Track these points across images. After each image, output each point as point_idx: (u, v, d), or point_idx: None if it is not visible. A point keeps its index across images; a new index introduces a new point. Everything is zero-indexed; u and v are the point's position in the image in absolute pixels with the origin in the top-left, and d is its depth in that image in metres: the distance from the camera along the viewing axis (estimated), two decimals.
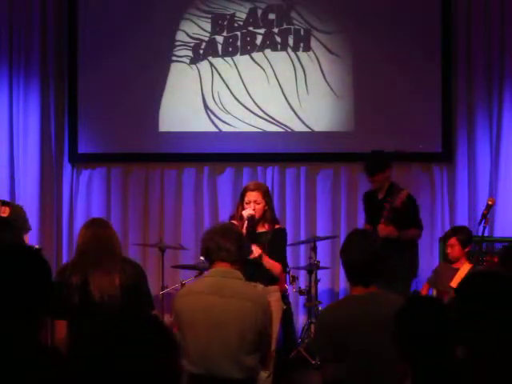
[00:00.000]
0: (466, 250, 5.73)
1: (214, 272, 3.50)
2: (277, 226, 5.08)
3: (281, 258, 5.01)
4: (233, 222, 4.98)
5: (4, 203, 5.84)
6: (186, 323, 3.40)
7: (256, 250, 4.81)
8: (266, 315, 3.45)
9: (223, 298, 3.39)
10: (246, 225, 4.83)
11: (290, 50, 7.30)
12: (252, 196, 4.94)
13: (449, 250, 5.70)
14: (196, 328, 3.35)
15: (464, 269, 5.64)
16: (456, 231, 5.80)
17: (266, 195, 5.02)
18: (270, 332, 3.51)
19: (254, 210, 4.90)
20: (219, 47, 7.34)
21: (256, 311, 3.38)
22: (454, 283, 5.54)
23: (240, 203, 5.01)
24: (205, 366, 3.35)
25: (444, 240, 5.76)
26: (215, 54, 7.34)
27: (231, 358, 3.35)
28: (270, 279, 4.96)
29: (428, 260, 6.72)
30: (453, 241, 5.69)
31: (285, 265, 5.22)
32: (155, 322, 1.68)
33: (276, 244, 4.98)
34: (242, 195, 5.01)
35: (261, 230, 5.00)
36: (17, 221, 5.64)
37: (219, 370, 3.35)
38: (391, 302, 3.20)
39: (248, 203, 4.93)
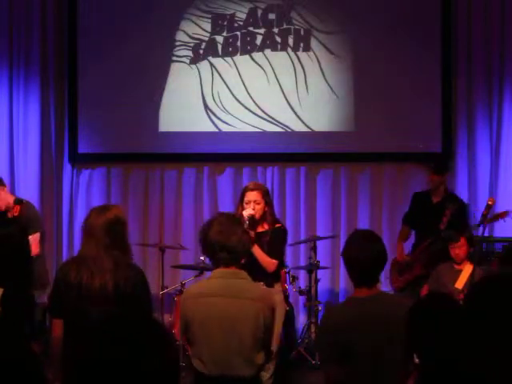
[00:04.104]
0: (471, 249, 5.70)
1: (220, 273, 3.49)
2: (277, 225, 5.06)
3: (277, 254, 4.99)
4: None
5: (17, 202, 5.85)
6: (199, 326, 3.41)
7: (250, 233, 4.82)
8: (272, 312, 3.51)
9: (235, 299, 3.43)
10: (246, 225, 4.82)
11: (289, 49, 7.30)
12: (252, 196, 4.93)
13: (457, 251, 5.62)
14: (210, 330, 3.38)
15: (467, 270, 5.57)
16: (461, 231, 5.73)
17: (266, 195, 5.01)
18: (272, 329, 3.57)
19: (253, 209, 4.90)
20: (219, 47, 7.33)
21: (264, 309, 3.44)
22: (459, 284, 5.51)
23: (240, 203, 5.00)
24: (219, 367, 3.40)
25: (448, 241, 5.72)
26: (215, 54, 7.34)
27: (245, 357, 3.41)
28: (272, 277, 4.96)
29: None
30: (462, 241, 5.63)
31: (281, 262, 5.20)
32: (151, 321, 1.68)
33: (274, 241, 4.97)
34: (242, 195, 5.00)
35: (261, 230, 4.99)
36: (28, 219, 5.69)
37: (232, 370, 3.40)
38: (395, 303, 3.20)
39: (248, 203, 4.92)
